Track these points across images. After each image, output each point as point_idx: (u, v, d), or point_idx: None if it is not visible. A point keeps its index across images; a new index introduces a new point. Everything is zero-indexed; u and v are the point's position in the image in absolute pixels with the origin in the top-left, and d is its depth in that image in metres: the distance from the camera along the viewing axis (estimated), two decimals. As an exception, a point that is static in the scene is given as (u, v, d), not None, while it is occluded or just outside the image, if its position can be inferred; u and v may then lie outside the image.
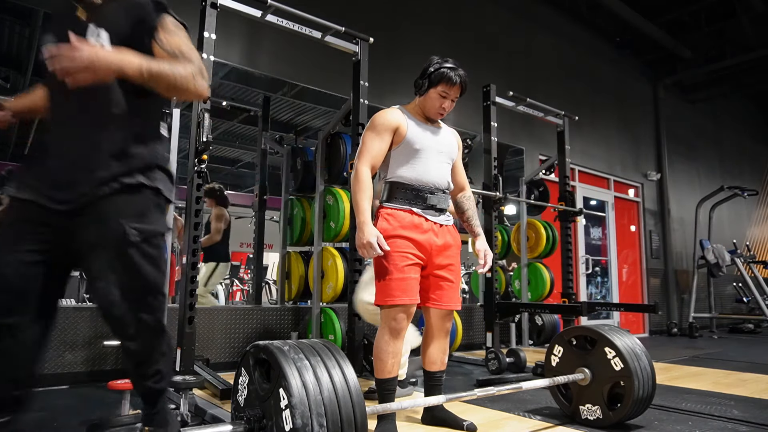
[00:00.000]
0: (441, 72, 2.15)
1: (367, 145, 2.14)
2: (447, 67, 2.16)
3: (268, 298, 7.64)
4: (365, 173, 2.11)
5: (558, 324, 4.95)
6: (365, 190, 2.08)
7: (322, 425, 1.28)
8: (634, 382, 2.14)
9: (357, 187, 2.09)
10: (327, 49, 3.58)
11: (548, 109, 4.51)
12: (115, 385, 2.01)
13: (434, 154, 2.20)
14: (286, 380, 1.32)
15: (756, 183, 10.76)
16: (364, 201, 2.06)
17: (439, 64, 2.18)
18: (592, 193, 7.31)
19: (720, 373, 3.88)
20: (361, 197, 2.07)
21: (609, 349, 2.22)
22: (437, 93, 2.17)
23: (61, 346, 3.17)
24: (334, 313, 3.78)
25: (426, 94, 2.19)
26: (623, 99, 8.04)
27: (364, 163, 2.12)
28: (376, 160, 2.14)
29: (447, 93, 2.17)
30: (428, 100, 2.20)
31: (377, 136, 2.14)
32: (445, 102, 2.19)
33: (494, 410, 2.54)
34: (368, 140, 2.15)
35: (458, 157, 2.38)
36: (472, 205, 2.43)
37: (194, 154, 2.69)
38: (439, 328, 2.23)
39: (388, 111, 2.20)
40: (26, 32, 5.19)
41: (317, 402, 1.30)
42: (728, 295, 9.13)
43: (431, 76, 2.16)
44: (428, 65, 2.20)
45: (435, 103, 2.19)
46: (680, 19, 7.74)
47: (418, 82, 2.22)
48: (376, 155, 2.14)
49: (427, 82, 2.17)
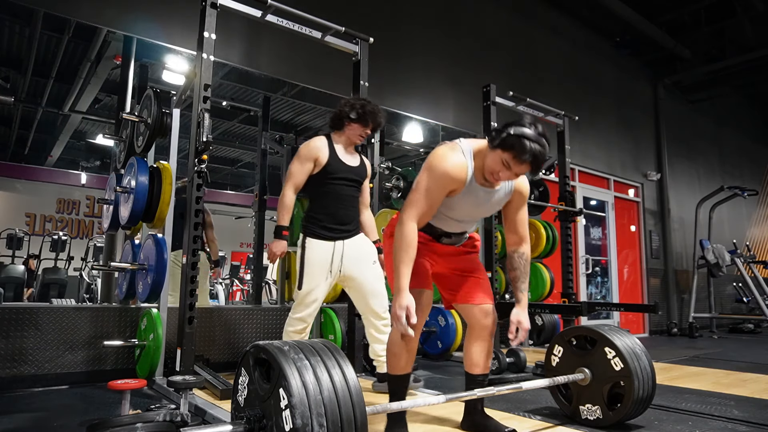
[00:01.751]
0: (516, 141, 1.78)
1: (421, 196, 1.89)
2: (527, 138, 1.78)
3: (268, 298, 7.64)
4: (412, 230, 1.86)
5: (558, 324, 4.95)
6: (410, 250, 1.84)
7: (322, 425, 1.28)
8: (634, 382, 2.14)
9: (401, 244, 1.85)
10: (327, 49, 3.57)
11: (548, 109, 4.51)
12: (115, 385, 2.01)
13: (475, 209, 2.03)
14: (286, 380, 1.32)
15: (756, 183, 10.76)
16: (407, 266, 1.83)
17: (521, 130, 1.80)
18: (592, 193, 7.31)
19: (720, 373, 3.87)
20: (404, 258, 1.84)
21: (609, 349, 2.22)
22: (502, 158, 1.82)
23: (61, 346, 3.17)
24: (334, 313, 3.78)
25: (494, 151, 1.85)
26: (623, 99, 8.04)
27: (412, 216, 1.87)
28: (425, 216, 1.91)
29: (511, 164, 1.81)
30: (491, 158, 1.86)
31: (436, 188, 1.89)
32: (506, 172, 1.84)
33: (494, 410, 2.53)
34: (423, 192, 1.89)
35: (520, 207, 2.11)
36: (523, 266, 2.12)
37: (194, 154, 2.69)
38: (481, 327, 2.12)
39: (451, 161, 1.89)
40: (26, 32, 5.19)
41: (317, 402, 1.30)
42: (728, 295, 9.13)
43: (504, 137, 1.81)
44: (513, 123, 1.84)
45: (495, 167, 1.85)
46: (680, 19, 7.74)
47: (494, 131, 1.87)
48: (426, 212, 1.90)
49: (499, 140, 1.82)
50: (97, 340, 3.25)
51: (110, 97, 6.22)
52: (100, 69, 5.17)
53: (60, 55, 5.36)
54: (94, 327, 3.30)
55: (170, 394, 2.74)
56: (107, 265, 3.88)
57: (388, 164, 5.17)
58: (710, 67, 8.27)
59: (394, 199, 4.97)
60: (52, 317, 3.17)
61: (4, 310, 3.05)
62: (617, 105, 7.91)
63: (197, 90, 2.73)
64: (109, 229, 3.71)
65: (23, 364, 3.05)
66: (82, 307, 3.50)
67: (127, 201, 3.24)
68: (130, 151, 3.53)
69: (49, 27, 4.91)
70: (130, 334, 3.38)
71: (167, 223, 3.27)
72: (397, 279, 1.82)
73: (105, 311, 3.39)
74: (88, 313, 3.32)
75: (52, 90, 6.34)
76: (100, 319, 3.33)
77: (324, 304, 3.88)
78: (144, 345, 3.16)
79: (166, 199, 3.16)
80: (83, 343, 3.25)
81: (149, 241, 3.24)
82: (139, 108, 3.50)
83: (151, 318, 3.12)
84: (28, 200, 9.54)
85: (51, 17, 4.26)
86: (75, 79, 5.79)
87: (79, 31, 4.76)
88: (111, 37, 4.35)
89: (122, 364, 3.35)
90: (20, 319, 3.07)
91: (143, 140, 3.36)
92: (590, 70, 7.60)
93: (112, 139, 3.91)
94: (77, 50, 5.28)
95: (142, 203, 3.11)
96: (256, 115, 5.79)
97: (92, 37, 4.77)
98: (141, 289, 3.28)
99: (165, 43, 3.96)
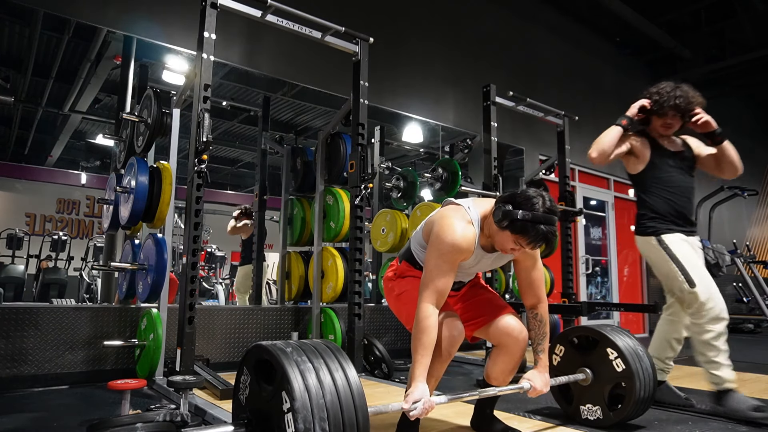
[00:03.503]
0: (527, 227, 1.69)
1: (435, 276, 1.77)
2: (537, 222, 1.68)
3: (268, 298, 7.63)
4: (432, 316, 1.73)
5: (558, 324, 4.94)
6: (428, 340, 1.71)
7: (324, 429, 1.28)
8: (635, 383, 2.13)
9: (420, 333, 1.71)
10: (327, 49, 3.57)
11: (548, 109, 4.51)
12: (115, 385, 2.01)
13: (479, 268, 2.01)
14: (288, 383, 1.31)
15: (756, 183, 10.76)
16: (424, 356, 1.70)
17: (530, 213, 1.69)
18: (592, 193, 7.31)
19: (720, 373, 3.87)
20: (421, 347, 1.70)
21: (611, 350, 2.22)
22: (513, 239, 1.75)
23: (61, 346, 3.17)
24: (334, 313, 3.78)
25: (503, 231, 1.76)
26: (623, 99, 8.01)
27: (431, 299, 1.75)
28: (442, 296, 1.78)
29: (524, 246, 1.75)
30: (501, 237, 1.78)
31: (447, 265, 1.78)
32: (519, 251, 1.79)
33: (494, 410, 2.53)
34: (436, 272, 1.77)
35: (532, 268, 2.01)
36: (539, 327, 2.01)
37: (194, 154, 2.69)
38: (502, 344, 2.00)
39: (460, 237, 1.78)
40: (26, 32, 5.18)
41: (320, 406, 1.30)
42: (728, 295, 9.08)
43: (514, 221, 1.70)
44: (520, 203, 1.72)
45: (506, 246, 1.79)
46: (680, 19, 7.74)
47: (499, 210, 1.74)
48: (443, 291, 1.78)
49: (507, 222, 1.71)
50: (97, 340, 3.25)
51: (110, 97, 6.21)
52: (100, 69, 5.17)
53: (60, 55, 5.36)
54: (94, 327, 3.30)
55: (170, 394, 2.74)
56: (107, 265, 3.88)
57: (388, 164, 5.17)
58: (710, 67, 8.26)
59: (394, 199, 4.97)
60: (52, 317, 3.17)
61: (4, 310, 3.05)
62: (617, 105, 7.87)
63: (197, 90, 2.73)
64: (109, 229, 3.71)
65: (23, 364, 3.05)
66: (82, 307, 3.50)
67: (127, 201, 3.24)
68: (130, 151, 3.53)
69: (49, 27, 4.91)
70: (130, 334, 3.38)
71: (167, 223, 3.27)
72: (413, 366, 1.71)
73: (105, 311, 3.39)
74: (88, 313, 3.32)
75: (52, 90, 6.34)
76: (100, 319, 3.33)
77: (323, 304, 3.89)
78: (144, 345, 3.16)
79: (166, 199, 3.16)
80: (83, 343, 3.25)
81: (149, 241, 3.24)
82: (139, 108, 3.50)
83: (151, 318, 3.12)
84: (28, 200, 9.54)
85: (51, 17, 4.26)
86: (75, 79, 5.79)
87: (79, 31, 4.76)
88: (111, 37, 4.35)
89: (122, 364, 3.35)
90: (20, 319, 3.07)
91: (143, 140, 3.36)
92: (590, 70, 7.60)
93: (112, 139, 3.91)
94: (77, 50, 5.28)
95: (142, 203, 3.11)
96: (256, 115, 5.78)
97: (92, 37, 4.76)
98: (141, 289, 3.28)
99: (165, 43, 3.96)
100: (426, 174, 4.91)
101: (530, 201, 1.71)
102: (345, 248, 3.87)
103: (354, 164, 3.42)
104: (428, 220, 1.96)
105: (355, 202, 3.42)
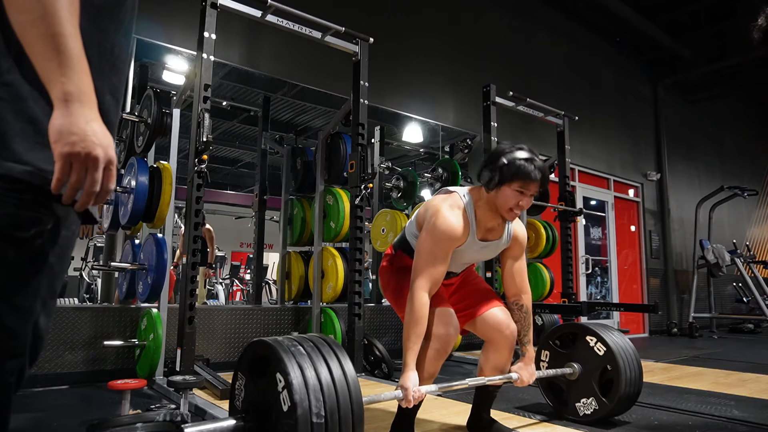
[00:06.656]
0: (517, 166, 1.78)
1: (428, 262, 1.79)
2: (523, 158, 1.79)
3: (268, 298, 7.64)
4: (425, 302, 1.76)
5: (558, 324, 4.94)
6: (420, 326, 1.74)
7: (318, 399, 1.31)
8: (619, 362, 2.21)
9: (412, 318, 1.74)
10: (327, 49, 3.58)
11: (548, 109, 4.51)
12: (115, 385, 2.01)
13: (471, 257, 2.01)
14: (281, 364, 1.35)
15: (756, 183, 10.76)
16: (415, 342, 1.73)
17: (512, 155, 1.80)
18: (592, 193, 7.31)
19: (720, 373, 3.88)
20: (413, 333, 1.73)
21: (590, 337, 2.31)
22: (512, 190, 1.80)
23: (61, 346, 3.18)
24: (334, 313, 3.78)
25: (498, 190, 1.82)
26: (623, 99, 8.04)
27: (424, 285, 1.77)
28: (436, 283, 1.81)
29: (524, 189, 1.81)
30: (501, 197, 1.83)
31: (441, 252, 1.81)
32: (523, 199, 1.82)
33: (493, 410, 2.53)
34: (429, 258, 1.79)
35: (518, 257, 2.06)
36: (524, 319, 2.06)
37: (194, 154, 2.69)
38: (490, 339, 2.03)
39: (454, 223, 1.82)
40: (26, 32, 5.19)
41: (314, 385, 1.33)
42: (728, 295, 9.13)
43: (503, 170, 1.79)
44: (498, 155, 1.84)
45: (510, 201, 1.82)
46: (680, 19, 7.74)
47: (485, 174, 1.85)
48: (437, 278, 1.80)
49: (498, 176, 1.80)
50: (97, 340, 3.25)
51: (110, 97, 6.21)
52: (100, 69, 5.17)
53: (60, 55, 5.36)
54: (94, 327, 3.30)
55: (170, 394, 2.75)
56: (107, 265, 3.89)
57: (388, 164, 5.17)
58: (710, 67, 8.27)
59: (394, 198, 4.97)
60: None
61: (4, 310, 3.05)
62: (617, 105, 7.91)
63: (197, 90, 2.73)
64: (109, 229, 3.71)
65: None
66: (82, 307, 3.51)
67: (127, 201, 3.25)
68: (130, 151, 3.53)
69: (49, 27, 4.91)
70: (130, 334, 3.38)
71: (167, 223, 3.27)
72: (404, 354, 1.74)
73: (105, 311, 3.40)
74: (88, 313, 3.32)
75: (52, 90, 6.34)
76: (100, 319, 3.33)
77: (323, 304, 3.89)
78: (144, 345, 3.16)
79: (166, 199, 3.16)
80: (83, 343, 3.25)
81: (149, 241, 3.24)
82: (139, 108, 3.50)
83: (151, 318, 3.12)
84: (28, 200, 9.54)
85: (51, 17, 4.26)
86: (75, 79, 5.79)
87: (79, 31, 4.77)
88: (111, 37, 4.35)
89: (122, 364, 3.36)
90: (20, 319, 3.07)
91: (143, 140, 3.36)
92: (590, 70, 7.60)
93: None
94: (77, 50, 5.28)
95: (142, 203, 3.12)
96: (256, 115, 5.78)
97: (92, 37, 4.76)
98: (141, 289, 3.28)
99: (165, 43, 3.96)
100: (426, 174, 4.90)
101: (502, 149, 1.85)
102: (345, 248, 3.87)
103: (354, 164, 3.43)
104: (423, 206, 1.99)
105: (355, 202, 3.43)
